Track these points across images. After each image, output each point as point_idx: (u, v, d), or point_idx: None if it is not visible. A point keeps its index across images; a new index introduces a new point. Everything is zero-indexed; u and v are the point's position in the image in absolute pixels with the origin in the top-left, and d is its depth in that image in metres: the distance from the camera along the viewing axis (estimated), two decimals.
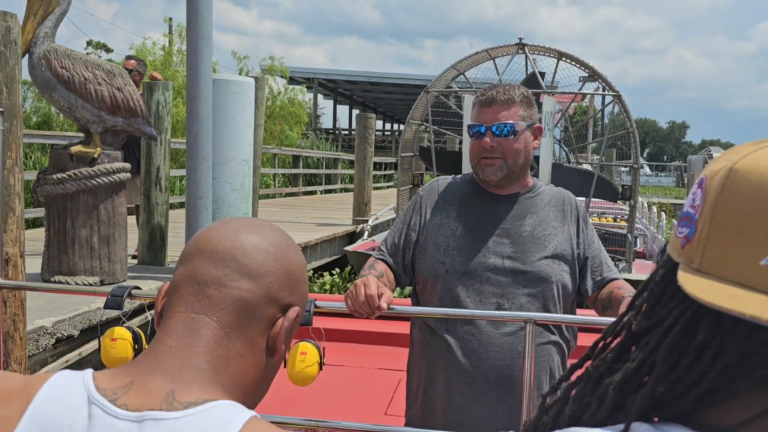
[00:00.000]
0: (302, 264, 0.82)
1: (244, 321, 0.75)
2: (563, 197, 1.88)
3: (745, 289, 0.48)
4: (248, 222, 0.81)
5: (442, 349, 1.75)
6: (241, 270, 0.76)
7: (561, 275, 1.77)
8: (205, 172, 4.46)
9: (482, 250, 1.76)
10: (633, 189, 6.98)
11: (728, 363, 0.49)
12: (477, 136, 1.79)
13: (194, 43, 4.37)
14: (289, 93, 21.11)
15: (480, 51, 7.62)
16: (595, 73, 7.24)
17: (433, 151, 7.24)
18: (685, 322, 0.52)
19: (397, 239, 1.88)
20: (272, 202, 14.02)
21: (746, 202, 0.50)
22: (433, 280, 1.79)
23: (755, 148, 0.53)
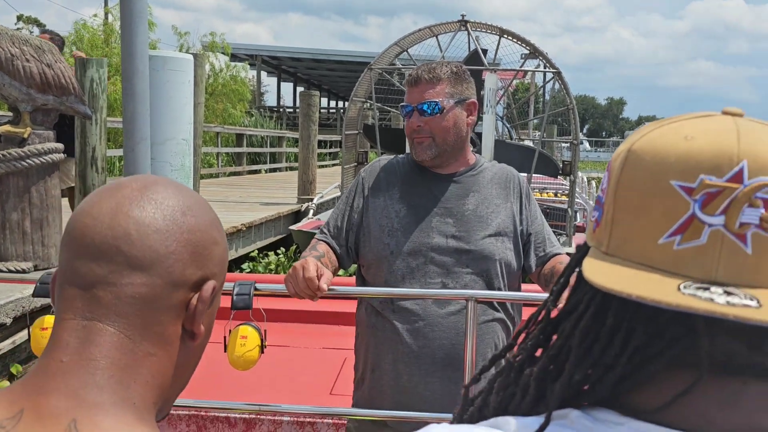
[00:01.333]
0: (208, 225, 0.68)
1: (148, 318, 0.64)
2: (506, 174, 1.89)
3: (646, 270, 0.49)
4: (130, 192, 0.66)
5: (388, 330, 1.75)
6: (129, 263, 0.63)
7: (505, 253, 1.78)
8: (143, 152, 4.34)
9: (426, 231, 1.76)
10: (573, 164, 7.15)
11: (638, 345, 0.50)
12: (407, 116, 1.80)
13: (128, 19, 4.22)
14: (231, 70, 20.65)
15: (423, 28, 7.62)
16: (536, 50, 7.35)
17: (377, 129, 7.23)
18: (596, 307, 0.52)
19: (339, 222, 1.86)
20: (216, 182, 13.76)
21: (643, 182, 0.50)
22: (378, 262, 1.79)
23: (655, 127, 0.53)
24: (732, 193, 0.47)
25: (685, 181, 0.48)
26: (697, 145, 0.49)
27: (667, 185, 0.49)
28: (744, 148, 0.48)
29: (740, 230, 0.46)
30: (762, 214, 0.46)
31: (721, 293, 0.45)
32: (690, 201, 0.48)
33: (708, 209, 0.47)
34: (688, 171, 0.48)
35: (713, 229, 0.47)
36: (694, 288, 0.46)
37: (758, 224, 0.46)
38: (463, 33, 7.59)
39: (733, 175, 0.47)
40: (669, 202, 0.48)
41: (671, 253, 0.48)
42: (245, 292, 1.71)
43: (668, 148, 0.50)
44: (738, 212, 0.46)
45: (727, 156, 0.47)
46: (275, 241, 8.61)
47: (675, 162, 0.49)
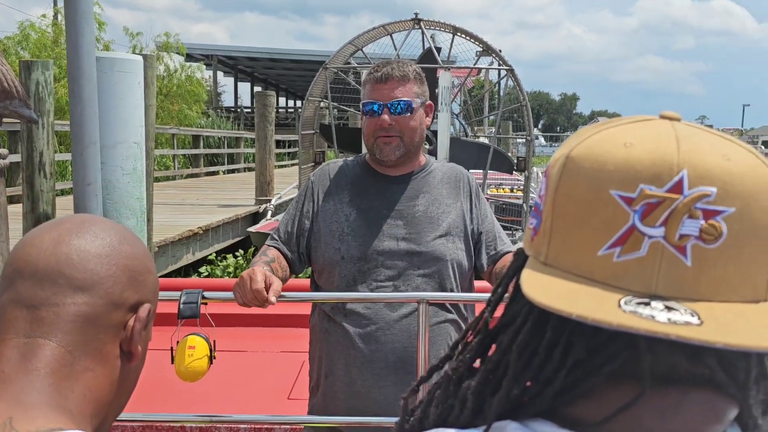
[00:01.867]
0: (142, 255, 0.75)
1: (88, 335, 0.68)
2: (456, 173, 1.89)
3: (585, 283, 0.47)
4: (70, 226, 0.72)
5: (341, 335, 1.74)
6: (71, 284, 0.68)
7: (456, 253, 1.78)
8: (92, 157, 4.24)
9: (377, 234, 1.75)
10: (527, 160, 7.26)
11: (578, 359, 0.48)
12: (372, 114, 1.75)
13: (73, 18, 4.12)
14: (186, 71, 20.31)
15: (377, 26, 7.64)
16: (489, 47, 7.43)
17: (333, 128, 7.23)
18: (534, 320, 0.51)
19: (290, 227, 1.85)
20: (172, 185, 13.55)
21: (581, 191, 0.48)
22: (329, 267, 1.78)
23: (593, 132, 0.51)
24: (672, 204, 0.45)
25: (625, 191, 0.46)
26: (637, 153, 0.47)
27: (606, 195, 0.47)
28: (684, 157, 0.46)
29: (680, 242, 0.45)
30: (702, 226, 0.45)
31: (662, 309, 0.44)
32: (630, 211, 0.46)
33: (648, 220, 0.46)
34: (628, 180, 0.46)
35: (653, 241, 0.45)
36: (635, 304, 0.44)
37: (698, 236, 0.45)
38: (418, 31, 7.64)
39: (673, 185, 0.46)
40: (608, 212, 0.47)
41: (611, 265, 0.46)
42: (192, 301, 1.68)
43: (607, 155, 0.48)
44: (678, 223, 0.45)
45: (667, 165, 0.46)
46: (234, 243, 8.53)
47: (614, 171, 0.47)
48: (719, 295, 0.45)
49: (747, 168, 0.47)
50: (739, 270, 0.46)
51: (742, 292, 0.46)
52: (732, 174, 0.46)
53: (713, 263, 0.45)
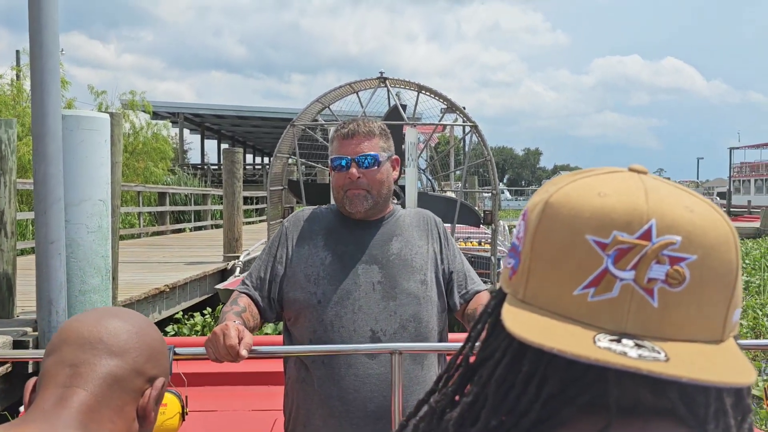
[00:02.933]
0: (162, 340, 0.95)
1: (114, 392, 0.85)
2: (424, 217, 1.94)
3: (561, 320, 0.50)
4: (110, 310, 0.94)
5: (318, 384, 1.73)
6: (108, 350, 0.87)
7: (430, 295, 1.80)
8: (56, 215, 4.18)
9: (353, 278, 1.76)
10: (493, 213, 7.36)
11: (552, 392, 0.51)
12: (340, 168, 1.79)
13: (39, 78, 4.12)
14: (152, 128, 20.29)
15: (344, 84, 7.77)
16: (453, 104, 7.62)
17: (301, 184, 7.25)
18: (512, 354, 0.54)
19: (262, 272, 1.84)
20: (137, 242, 13.33)
21: (559, 234, 0.52)
22: (305, 312, 1.77)
23: (569, 181, 0.56)
24: (642, 250, 0.49)
25: (600, 237, 0.50)
26: (610, 202, 0.51)
27: (582, 239, 0.51)
28: (652, 207, 0.50)
29: (648, 285, 0.49)
30: (668, 270, 0.49)
31: (633, 346, 0.47)
32: (603, 256, 0.50)
33: (620, 264, 0.49)
34: (602, 227, 0.50)
35: (624, 283, 0.49)
36: (608, 341, 0.48)
37: (664, 279, 0.49)
38: (383, 89, 7.80)
39: (643, 232, 0.50)
40: (584, 256, 0.50)
41: (585, 304, 0.50)
42: None
43: (583, 203, 0.52)
44: (647, 268, 0.49)
45: (637, 214, 0.50)
46: (201, 301, 8.37)
47: (590, 218, 0.51)
48: (683, 335, 0.49)
49: (708, 221, 0.51)
50: (700, 312, 0.50)
51: (703, 333, 0.50)
52: (695, 225, 0.50)
53: (677, 305, 0.49)
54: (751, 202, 41.90)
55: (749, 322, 8.72)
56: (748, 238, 24.39)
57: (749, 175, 49.68)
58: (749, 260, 15.93)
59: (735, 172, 51.69)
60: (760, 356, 7.36)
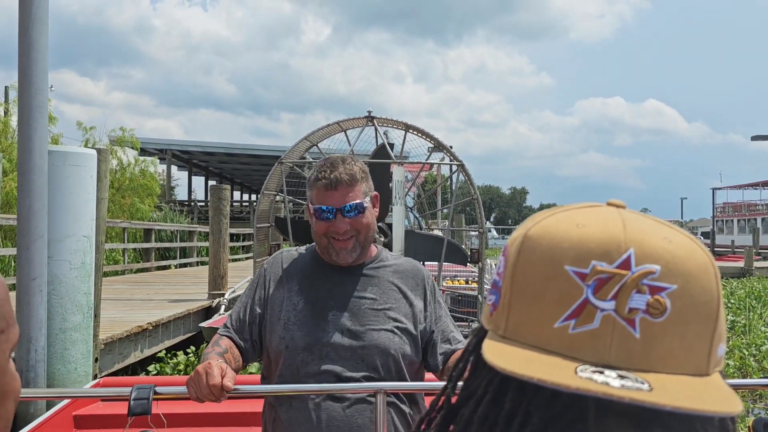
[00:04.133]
0: None
1: None
2: (412, 269, 1.89)
3: (543, 353, 0.49)
4: None
5: (286, 425, 1.72)
6: None
7: (402, 347, 1.76)
8: (39, 251, 4.13)
9: (322, 325, 1.74)
10: (480, 252, 7.37)
11: (534, 430, 0.50)
12: (326, 219, 1.75)
13: (27, 114, 4.11)
14: (140, 164, 20.28)
15: (332, 123, 7.84)
16: (440, 144, 7.69)
17: (288, 222, 7.24)
18: (494, 392, 0.52)
19: (242, 314, 1.83)
20: (121, 279, 13.18)
21: (538, 267, 0.51)
22: (276, 356, 1.77)
23: (547, 215, 0.55)
24: (621, 279, 0.48)
25: (579, 267, 0.49)
26: (589, 232, 0.51)
27: (562, 270, 0.50)
28: (630, 236, 0.50)
29: (629, 315, 0.48)
30: (648, 300, 0.48)
31: (615, 377, 0.46)
32: (583, 286, 0.49)
33: (600, 294, 0.48)
34: (581, 257, 0.50)
35: (605, 314, 0.48)
36: (590, 371, 0.46)
37: (645, 309, 0.48)
38: (371, 128, 7.87)
39: (622, 261, 0.49)
40: (564, 287, 0.49)
41: (566, 336, 0.49)
42: (144, 396, 1.64)
43: (562, 234, 0.52)
44: (627, 297, 0.48)
45: (615, 243, 0.49)
46: (185, 339, 8.25)
47: (569, 248, 0.50)
48: (667, 368, 0.48)
49: (686, 250, 0.51)
50: (683, 344, 0.49)
51: (688, 366, 0.49)
52: (674, 254, 0.50)
53: (660, 336, 0.48)
54: (734, 241, 42.32)
55: (736, 362, 8.71)
56: (732, 277, 24.54)
57: (732, 216, 50.31)
58: (734, 300, 16.00)
59: (718, 212, 52.33)
60: (748, 396, 7.34)
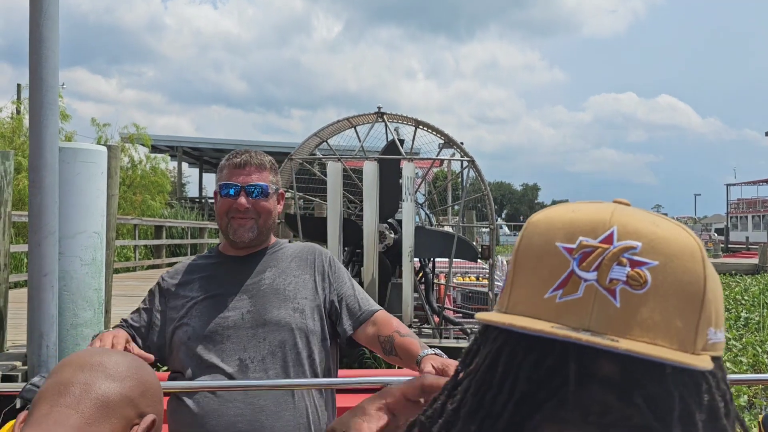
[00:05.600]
0: (158, 384, 0.95)
1: (104, 415, 0.83)
2: (307, 249, 1.96)
3: (528, 318, 0.54)
4: (107, 350, 0.99)
5: (186, 413, 1.73)
6: (106, 373, 0.87)
7: (304, 322, 1.80)
8: (50, 247, 4.13)
9: (222, 311, 1.79)
10: (491, 248, 7.34)
11: (524, 392, 0.54)
12: (228, 195, 1.83)
13: (38, 111, 4.12)
14: (151, 162, 20.38)
15: (342, 119, 7.83)
16: (450, 139, 7.66)
17: (299, 218, 7.24)
18: (491, 359, 0.57)
19: (138, 320, 1.87)
20: (132, 276, 13.26)
21: (535, 246, 0.57)
22: (178, 352, 1.80)
23: (551, 207, 0.61)
24: (603, 252, 0.53)
25: (567, 243, 0.55)
26: (581, 215, 0.57)
27: (553, 247, 0.55)
28: (615, 218, 0.55)
29: (610, 285, 0.52)
30: (628, 272, 0.52)
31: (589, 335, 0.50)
32: (570, 259, 0.54)
33: (584, 266, 0.53)
34: (570, 234, 0.55)
35: (588, 284, 0.53)
36: (567, 329, 0.51)
37: (625, 281, 0.52)
38: (381, 124, 7.85)
39: (605, 237, 0.54)
40: (554, 261, 0.55)
41: (554, 305, 0.53)
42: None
43: (557, 217, 0.58)
44: (608, 269, 0.53)
45: (601, 222, 0.55)
46: None
47: (560, 227, 0.56)
48: (646, 336, 0.51)
49: (672, 232, 0.55)
50: (664, 317, 0.52)
51: (669, 338, 0.52)
52: (657, 235, 0.54)
53: (640, 306, 0.52)
54: (749, 238, 41.98)
55: (749, 359, 8.63)
56: (746, 274, 24.34)
57: (746, 212, 49.90)
58: (748, 297, 15.87)
59: (732, 209, 51.92)
60: (761, 393, 7.27)
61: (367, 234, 6.64)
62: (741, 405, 6.47)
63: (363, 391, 3.20)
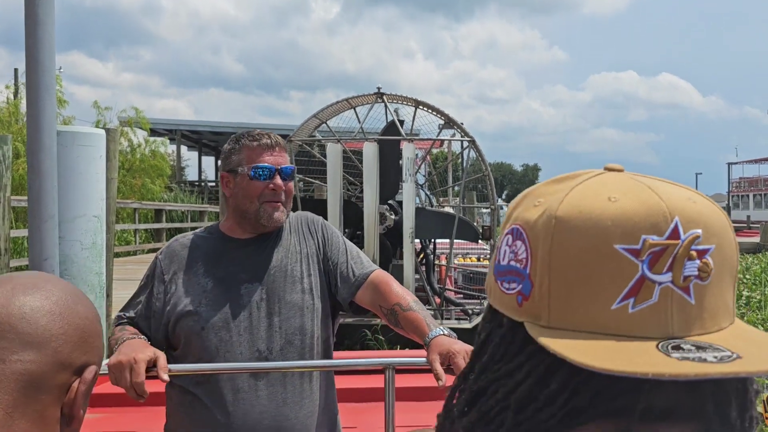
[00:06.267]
0: (93, 317, 0.74)
1: (30, 396, 0.65)
2: (301, 219, 1.90)
3: (604, 338, 0.48)
4: (24, 281, 0.70)
5: (203, 407, 1.67)
6: (21, 340, 0.65)
7: (314, 302, 1.76)
8: (49, 231, 4.12)
9: (236, 300, 1.72)
10: (492, 229, 7.33)
11: (580, 405, 0.49)
12: (262, 177, 1.74)
13: (35, 94, 4.08)
14: (150, 145, 20.30)
15: (341, 100, 7.78)
16: (450, 120, 7.61)
17: (299, 200, 7.22)
18: (536, 376, 0.51)
19: (141, 310, 1.78)
20: (133, 260, 13.28)
21: (582, 249, 0.49)
22: (190, 342, 1.71)
23: (566, 190, 0.53)
24: (674, 250, 0.48)
25: (629, 243, 0.48)
26: (627, 206, 0.49)
27: (611, 250, 0.48)
28: (670, 205, 0.49)
29: (684, 283, 0.48)
30: (699, 265, 0.48)
31: (695, 350, 0.46)
32: (637, 262, 0.48)
33: (656, 268, 0.48)
34: (629, 233, 0.48)
35: (663, 287, 0.47)
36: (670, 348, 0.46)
37: (697, 275, 0.48)
38: (381, 105, 7.80)
39: (671, 232, 0.48)
40: (616, 266, 0.48)
41: (626, 316, 0.48)
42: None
43: (599, 211, 0.50)
44: (681, 266, 0.48)
45: (660, 214, 0.49)
46: None
47: (613, 225, 0.49)
48: (716, 325, 0.49)
49: (709, 208, 0.51)
50: (722, 300, 0.50)
51: (726, 318, 0.50)
52: (705, 215, 0.50)
53: (708, 297, 0.49)
54: (750, 217, 41.97)
55: None
56: (747, 253, 24.36)
57: (748, 190, 49.84)
58: (749, 276, 15.89)
59: (733, 188, 51.87)
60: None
61: (367, 215, 6.63)
62: None
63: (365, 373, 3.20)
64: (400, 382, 1.79)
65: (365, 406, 3.10)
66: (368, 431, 2.84)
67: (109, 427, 2.59)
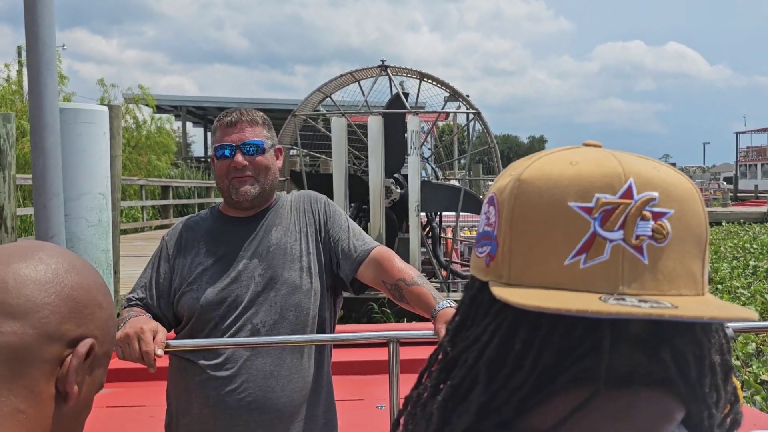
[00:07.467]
0: (91, 286, 0.69)
1: (16, 370, 0.61)
2: (303, 198, 1.91)
3: (554, 291, 0.49)
4: (15, 250, 0.67)
5: (196, 374, 1.73)
6: (2, 310, 0.62)
7: (313, 280, 1.79)
8: (55, 209, 4.13)
9: (234, 277, 1.76)
10: None
11: (548, 364, 0.50)
12: (224, 157, 1.78)
13: (36, 70, 4.06)
14: (156, 122, 20.27)
15: (345, 73, 7.72)
16: (455, 92, 7.55)
17: (304, 175, 7.21)
18: (501, 336, 0.53)
19: (147, 289, 1.84)
20: (141, 236, 13.33)
21: (540, 208, 0.51)
22: (189, 316, 1.77)
23: (534, 160, 0.55)
24: (626, 209, 0.49)
25: (583, 202, 0.50)
26: (586, 168, 0.52)
27: (566, 208, 0.50)
28: (626, 168, 0.51)
29: (637, 242, 0.49)
30: (653, 226, 0.49)
31: (637, 302, 0.47)
32: (590, 220, 0.50)
33: (607, 225, 0.49)
34: (583, 192, 0.50)
35: (614, 244, 0.49)
36: (613, 300, 0.47)
37: (650, 235, 0.49)
38: (385, 78, 7.73)
39: (624, 191, 0.50)
40: (569, 224, 0.50)
41: (578, 272, 0.49)
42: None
43: (558, 173, 0.52)
44: (633, 225, 0.49)
45: (615, 175, 0.50)
46: None
47: (569, 185, 0.51)
48: (673, 289, 0.50)
49: (674, 177, 0.53)
50: (683, 266, 0.51)
51: (689, 286, 0.51)
52: (666, 181, 0.51)
53: (665, 260, 0.50)
54: (758, 186, 41.71)
55: (757, 307, 8.66)
56: (755, 222, 24.26)
57: (756, 160, 49.45)
58: (757, 245, 15.85)
59: (741, 157, 51.47)
60: None
61: (373, 189, 6.61)
62: (749, 352, 6.51)
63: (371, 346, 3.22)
64: (407, 354, 1.80)
65: (371, 378, 3.13)
66: (374, 403, 2.87)
67: (117, 401, 2.62)
